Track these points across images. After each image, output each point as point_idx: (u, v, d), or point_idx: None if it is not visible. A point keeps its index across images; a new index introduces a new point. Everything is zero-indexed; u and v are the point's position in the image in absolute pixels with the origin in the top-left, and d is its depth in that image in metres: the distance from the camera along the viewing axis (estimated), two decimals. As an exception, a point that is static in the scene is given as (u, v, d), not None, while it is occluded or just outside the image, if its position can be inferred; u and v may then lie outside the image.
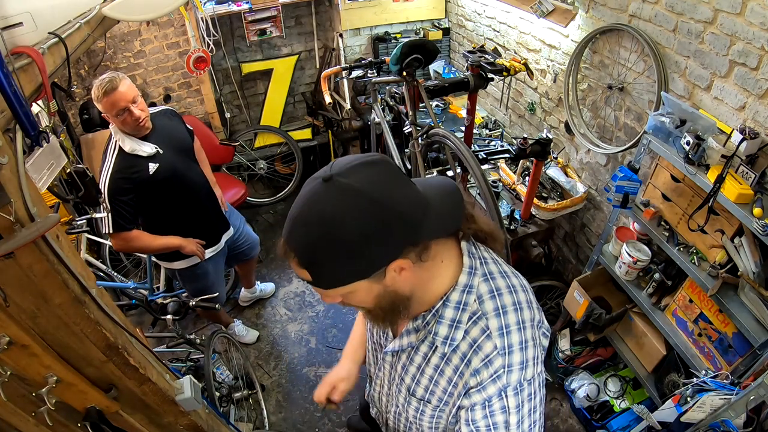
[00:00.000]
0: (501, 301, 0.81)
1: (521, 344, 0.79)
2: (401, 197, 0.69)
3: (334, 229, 0.66)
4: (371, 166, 0.70)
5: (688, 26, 1.73)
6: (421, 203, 0.72)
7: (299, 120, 4.28)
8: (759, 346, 1.52)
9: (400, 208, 0.68)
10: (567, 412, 2.46)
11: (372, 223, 0.66)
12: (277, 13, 3.48)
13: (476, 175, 1.83)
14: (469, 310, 0.80)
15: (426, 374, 0.88)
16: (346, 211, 0.66)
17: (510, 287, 0.83)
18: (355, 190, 0.66)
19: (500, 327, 0.79)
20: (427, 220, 0.72)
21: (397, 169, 0.73)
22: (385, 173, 0.70)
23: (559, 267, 2.96)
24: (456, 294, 0.81)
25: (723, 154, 1.53)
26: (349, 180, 0.67)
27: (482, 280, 0.82)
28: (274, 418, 2.51)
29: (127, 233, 1.94)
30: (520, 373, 0.78)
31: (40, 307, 0.91)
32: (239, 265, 2.82)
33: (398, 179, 0.71)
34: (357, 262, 0.69)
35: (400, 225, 0.69)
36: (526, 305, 0.82)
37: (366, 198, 0.66)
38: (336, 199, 0.66)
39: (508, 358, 0.78)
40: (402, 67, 2.21)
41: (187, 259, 2.20)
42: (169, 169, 1.97)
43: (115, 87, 1.75)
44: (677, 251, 1.81)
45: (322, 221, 0.66)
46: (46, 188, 0.99)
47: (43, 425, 1.02)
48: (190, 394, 1.37)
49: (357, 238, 0.66)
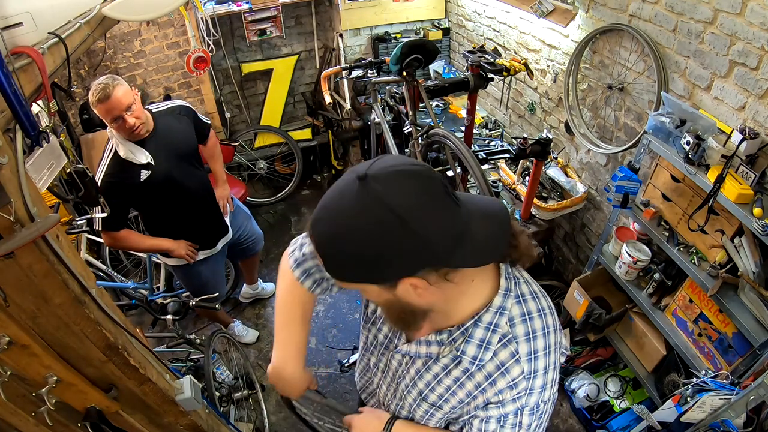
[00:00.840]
0: (532, 326, 0.80)
1: (545, 369, 0.80)
2: (433, 221, 0.63)
3: (350, 236, 0.64)
4: (412, 178, 0.64)
5: (688, 26, 1.73)
6: (457, 231, 0.66)
7: (299, 120, 4.28)
8: (759, 346, 1.52)
9: (426, 233, 0.63)
10: (567, 412, 2.46)
11: (389, 242, 0.63)
12: (277, 13, 3.48)
13: (476, 175, 1.83)
14: (500, 332, 0.79)
15: (443, 384, 0.87)
16: (365, 222, 0.63)
17: (540, 310, 0.82)
18: (383, 203, 0.62)
19: (529, 352, 0.79)
20: (459, 249, 0.66)
21: (440, 187, 0.66)
22: (424, 190, 0.64)
23: (559, 267, 2.96)
24: (489, 315, 0.79)
25: (723, 154, 1.53)
26: (382, 188, 0.62)
27: (515, 302, 0.81)
28: (274, 418, 2.51)
29: (116, 233, 1.96)
30: (539, 395, 0.80)
31: (40, 307, 0.91)
32: (243, 261, 2.82)
33: (437, 199, 0.65)
34: (365, 271, 0.67)
35: (420, 250, 0.64)
36: (553, 329, 0.83)
37: (391, 214, 0.61)
38: (361, 206, 0.63)
39: (532, 381, 0.79)
40: (402, 67, 2.21)
41: (178, 258, 2.20)
42: (162, 177, 1.94)
43: (109, 95, 1.71)
44: (677, 251, 1.81)
45: (341, 224, 0.65)
46: (46, 188, 0.98)
47: (43, 425, 1.02)
48: (190, 394, 1.37)
49: (369, 251, 0.64)
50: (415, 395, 0.93)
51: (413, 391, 0.93)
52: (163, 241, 2.09)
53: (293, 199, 4.11)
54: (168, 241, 2.10)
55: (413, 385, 0.93)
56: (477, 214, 0.70)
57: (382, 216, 0.62)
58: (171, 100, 3.56)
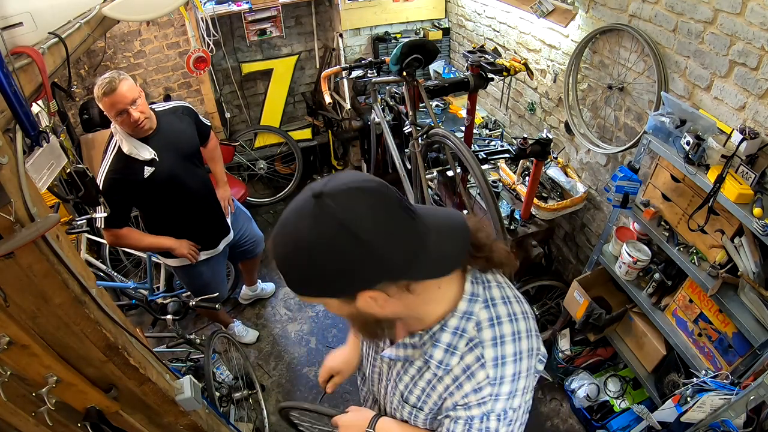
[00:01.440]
0: (500, 330, 0.80)
1: (513, 376, 0.79)
2: (388, 237, 0.65)
3: (306, 252, 0.65)
4: (366, 195, 0.65)
5: (688, 26, 1.73)
6: (413, 245, 0.67)
7: (299, 120, 4.28)
8: (759, 346, 1.52)
9: (381, 248, 0.64)
10: (567, 412, 2.46)
11: (344, 258, 0.64)
12: (277, 13, 3.48)
13: (476, 175, 1.83)
14: (467, 336, 0.80)
15: (419, 386, 0.88)
16: (320, 240, 0.63)
17: (511, 315, 0.81)
18: (336, 220, 0.62)
19: (495, 357, 0.79)
20: (416, 262, 0.68)
21: (395, 202, 0.67)
22: (378, 206, 0.65)
23: (559, 267, 2.96)
24: (455, 320, 0.80)
25: (723, 154, 1.53)
26: (335, 205, 0.63)
27: (483, 306, 0.80)
28: (274, 418, 2.51)
29: (118, 230, 1.95)
30: (506, 402, 0.79)
31: (40, 307, 0.91)
32: (243, 263, 2.82)
33: (392, 215, 0.66)
34: (322, 286, 0.69)
35: (376, 265, 0.65)
36: (525, 334, 0.81)
37: (345, 231, 0.62)
38: (315, 223, 0.64)
39: (498, 387, 0.78)
40: (402, 67, 2.21)
41: (179, 259, 2.20)
42: (165, 175, 1.94)
43: (114, 88, 1.73)
44: (677, 251, 1.81)
45: (296, 240, 0.66)
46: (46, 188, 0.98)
47: (43, 425, 1.02)
48: (190, 394, 1.37)
49: (325, 267, 0.65)
50: (398, 397, 0.95)
51: (396, 393, 0.95)
52: (165, 239, 2.09)
53: (293, 199, 4.10)
54: (170, 239, 2.09)
55: (395, 387, 0.95)
56: (435, 227, 0.71)
57: (335, 233, 0.63)
58: (171, 100, 3.57)
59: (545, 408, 2.48)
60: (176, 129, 2.04)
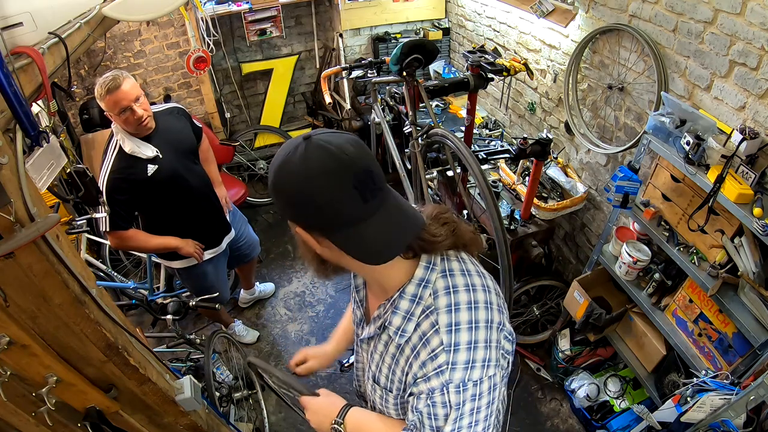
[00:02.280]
0: (456, 298, 0.81)
1: (469, 343, 0.79)
2: (326, 203, 0.71)
3: (274, 172, 0.75)
4: (332, 158, 0.72)
5: (688, 26, 1.73)
6: (346, 215, 0.73)
7: (299, 120, 4.28)
8: (759, 346, 1.52)
9: (312, 207, 0.72)
10: (567, 412, 2.46)
11: (291, 189, 0.73)
12: (277, 13, 3.48)
13: (476, 175, 1.83)
14: (423, 303, 0.82)
15: (386, 363, 0.90)
16: (282, 166, 0.73)
17: (469, 285, 0.83)
18: (301, 160, 0.72)
19: (449, 323, 0.79)
20: (343, 231, 0.74)
21: (350, 178, 0.72)
22: (336, 169, 0.72)
23: (559, 267, 2.96)
24: (412, 287, 0.83)
25: (723, 154, 1.53)
26: (310, 150, 0.72)
27: (440, 276, 0.83)
28: (274, 418, 2.51)
29: (123, 232, 1.93)
30: (464, 372, 0.78)
31: (40, 307, 0.91)
32: (239, 267, 2.81)
33: (343, 183, 0.72)
34: (281, 206, 0.78)
35: (303, 212, 0.75)
36: (484, 305, 0.82)
37: (301, 171, 0.72)
38: (289, 154, 0.73)
39: (453, 355, 0.78)
40: (402, 67, 2.21)
41: (185, 260, 2.19)
42: (168, 172, 1.95)
43: (118, 85, 1.74)
44: (677, 251, 1.81)
45: (275, 161, 0.76)
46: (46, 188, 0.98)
47: (43, 425, 1.02)
48: (190, 394, 1.37)
49: (281, 189, 0.75)
50: (371, 381, 0.96)
51: (369, 376, 0.96)
52: (171, 239, 2.08)
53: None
54: (176, 239, 2.09)
55: (369, 370, 0.96)
56: (384, 218, 0.75)
57: (293, 168, 0.72)
58: (171, 100, 3.57)
59: (545, 408, 2.48)
60: (174, 128, 2.06)
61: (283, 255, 3.56)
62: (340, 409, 1.00)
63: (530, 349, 2.73)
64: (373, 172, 0.74)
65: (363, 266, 0.79)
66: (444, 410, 0.79)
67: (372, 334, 0.92)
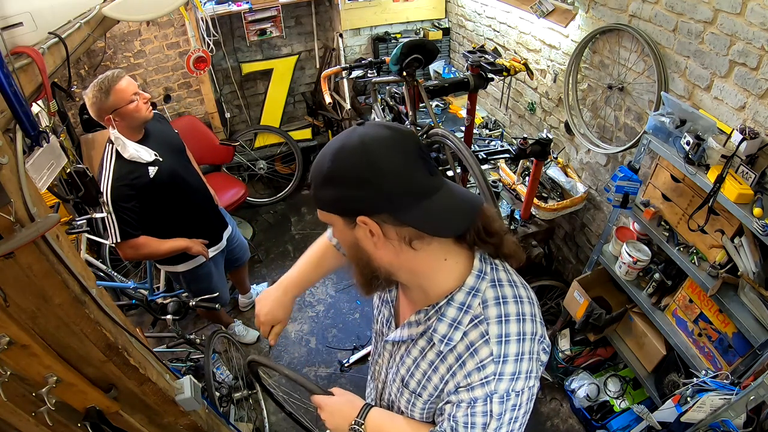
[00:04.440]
0: (505, 309, 0.80)
1: (517, 355, 0.79)
2: (392, 163, 0.71)
3: (327, 155, 0.74)
4: (393, 131, 0.74)
5: (688, 26, 1.73)
6: (415, 188, 0.73)
7: (299, 120, 4.28)
8: (759, 346, 1.52)
9: (381, 170, 0.71)
10: (567, 412, 2.46)
11: (353, 171, 0.72)
12: (277, 13, 3.48)
13: (476, 175, 1.83)
14: (472, 312, 0.80)
15: (420, 368, 0.88)
16: (342, 148, 0.73)
17: (517, 297, 0.82)
18: (359, 136, 0.73)
19: (500, 335, 0.79)
20: (414, 206, 0.73)
21: (415, 151, 0.74)
22: (399, 146, 0.73)
23: (559, 267, 2.96)
24: (461, 295, 0.81)
25: (723, 154, 1.53)
26: (367, 129, 0.74)
27: (490, 285, 0.81)
28: (274, 418, 2.51)
29: (135, 240, 1.91)
30: (510, 383, 0.78)
31: (40, 307, 0.91)
32: (231, 272, 2.79)
33: (408, 158, 0.73)
34: (332, 195, 0.75)
35: (373, 185, 0.72)
36: (530, 318, 0.82)
37: (361, 145, 0.72)
38: (346, 137, 0.74)
39: (501, 366, 0.78)
40: (402, 67, 2.21)
41: (190, 261, 2.20)
42: (168, 172, 1.96)
43: (121, 75, 1.79)
44: (677, 251, 1.81)
45: (328, 147, 0.76)
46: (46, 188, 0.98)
47: (43, 425, 1.02)
48: (190, 394, 1.37)
49: (336, 173, 0.73)
50: (399, 383, 0.94)
51: (397, 378, 0.94)
52: (180, 240, 2.08)
53: (293, 199, 4.11)
54: (184, 240, 2.09)
55: (397, 372, 0.94)
56: (448, 191, 0.76)
57: (353, 146, 0.72)
58: (171, 100, 3.57)
59: (545, 408, 2.48)
60: (163, 130, 2.09)
61: (283, 255, 3.56)
62: (360, 410, 0.95)
63: (530, 349, 2.73)
64: (428, 154, 0.76)
65: (414, 269, 0.80)
66: (483, 419, 0.79)
67: (404, 338, 0.90)
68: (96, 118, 1.84)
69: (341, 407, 0.98)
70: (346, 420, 0.94)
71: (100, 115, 1.82)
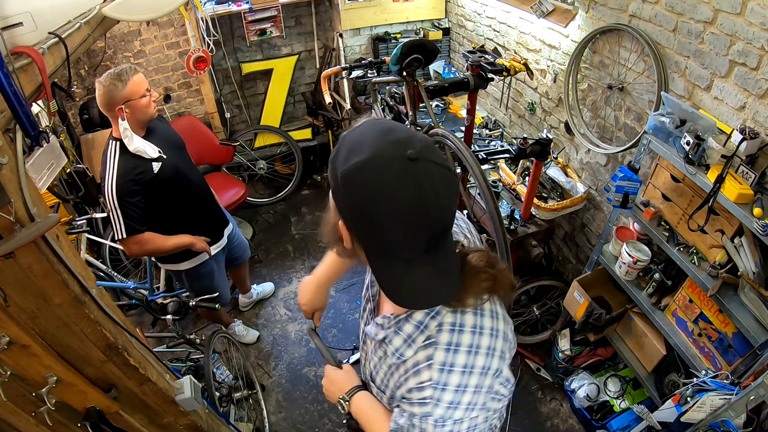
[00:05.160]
0: (458, 338, 0.79)
1: (458, 387, 0.78)
2: (397, 235, 0.67)
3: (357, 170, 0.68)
4: (422, 199, 0.67)
5: (688, 26, 1.73)
6: (404, 258, 0.70)
7: (299, 120, 4.28)
8: (759, 346, 1.52)
9: (386, 232, 0.67)
10: (567, 412, 2.46)
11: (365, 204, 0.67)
12: (277, 13, 3.48)
13: (476, 175, 1.83)
14: (427, 332, 0.80)
15: (382, 369, 0.91)
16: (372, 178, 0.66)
17: (476, 327, 0.80)
18: (392, 185, 0.65)
19: (443, 362, 0.78)
20: (393, 267, 0.71)
21: (427, 232, 0.69)
22: (416, 221, 0.67)
23: (559, 267, 2.96)
24: (420, 314, 0.81)
25: (723, 154, 1.53)
26: (405, 176, 0.66)
27: (450, 311, 0.80)
28: (274, 418, 2.51)
29: (140, 236, 1.91)
30: (446, 411, 0.78)
31: (40, 307, 0.91)
32: (232, 271, 2.80)
33: (417, 236, 0.68)
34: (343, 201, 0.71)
35: (369, 232, 0.69)
36: (485, 351, 0.79)
37: (383, 195, 0.66)
38: (390, 172, 0.66)
39: (439, 393, 0.78)
40: (402, 67, 2.20)
41: (193, 259, 2.20)
42: (172, 169, 1.97)
43: (137, 70, 1.82)
44: (677, 251, 1.81)
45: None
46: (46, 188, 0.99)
47: (43, 425, 1.02)
48: (190, 394, 1.37)
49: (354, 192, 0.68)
50: (368, 375, 0.98)
51: (366, 371, 0.98)
52: (184, 237, 2.09)
53: (293, 199, 4.11)
54: (188, 236, 2.10)
55: (366, 364, 0.98)
56: (425, 274, 0.72)
57: (382, 187, 0.65)
58: (171, 100, 3.57)
59: (545, 408, 2.48)
60: (164, 129, 2.11)
61: (283, 255, 3.56)
62: (351, 388, 1.03)
63: (530, 349, 2.73)
64: (449, 226, 0.72)
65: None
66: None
67: (371, 334, 0.92)
68: (104, 109, 1.82)
69: (339, 380, 1.06)
70: (338, 392, 1.04)
71: (112, 105, 1.79)
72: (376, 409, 0.97)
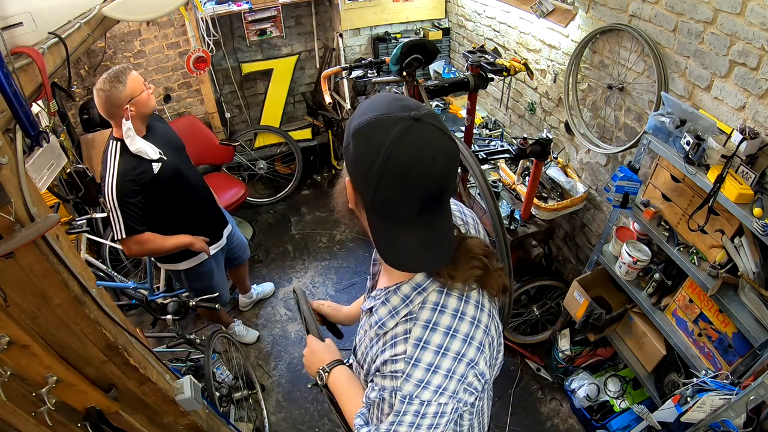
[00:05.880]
0: (438, 318, 0.80)
1: (429, 365, 0.78)
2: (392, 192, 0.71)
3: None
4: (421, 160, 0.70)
5: (688, 26, 1.73)
6: (399, 218, 0.73)
7: (299, 120, 4.28)
8: (759, 346, 1.52)
9: (382, 186, 0.70)
10: (567, 412, 2.46)
11: (367, 156, 0.70)
12: (277, 13, 3.48)
13: (476, 175, 1.83)
14: (411, 307, 0.83)
15: (365, 341, 0.94)
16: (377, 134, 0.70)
17: (457, 312, 0.81)
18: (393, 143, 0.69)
19: (419, 338, 0.79)
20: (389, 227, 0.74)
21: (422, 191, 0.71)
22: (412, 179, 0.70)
23: (559, 267, 2.96)
24: (407, 287, 0.84)
25: (723, 154, 1.53)
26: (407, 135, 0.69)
27: (437, 290, 0.82)
28: (274, 418, 2.51)
29: (140, 236, 1.92)
30: (415, 388, 0.78)
31: (40, 307, 0.91)
32: (231, 271, 2.80)
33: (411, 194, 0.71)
34: (351, 153, 0.74)
35: (369, 184, 0.71)
36: (462, 337, 0.79)
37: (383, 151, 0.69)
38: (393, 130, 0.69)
39: (411, 368, 0.78)
40: (402, 67, 2.20)
41: (193, 259, 2.21)
42: (171, 169, 1.98)
43: (130, 67, 1.82)
44: (677, 251, 1.81)
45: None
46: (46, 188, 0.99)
47: (43, 425, 1.02)
48: (190, 394, 1.37)
49: (358, 143, 0.72)
50: (353, 350, 1.00)
51: (354, 343, 1.01)
52: (184, 237, 2.09)
53: (293, 199, 4.11)
54: (187, 236, 2.10)
55: (356, 339, 1.01)
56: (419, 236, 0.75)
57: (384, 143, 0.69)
58: (171, 100, 3.57)
59: (545, 408, 2.48)
60: (163, 128, 2.11)
61: (283, 255, 3.56)
62: (332, 360, 1.06)
63: (530, 349, 2.73)
64: (445, 191, 0.74)
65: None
66: (388, 408, 0.82)
67: (364, 308, 0.95)
68: (108, 115, 1.82)
69: (320, 352, 1.09)
70: (319, 363, 1.07)
71: (117, 108, 1.79)
72: (353, 384, 0.99)
